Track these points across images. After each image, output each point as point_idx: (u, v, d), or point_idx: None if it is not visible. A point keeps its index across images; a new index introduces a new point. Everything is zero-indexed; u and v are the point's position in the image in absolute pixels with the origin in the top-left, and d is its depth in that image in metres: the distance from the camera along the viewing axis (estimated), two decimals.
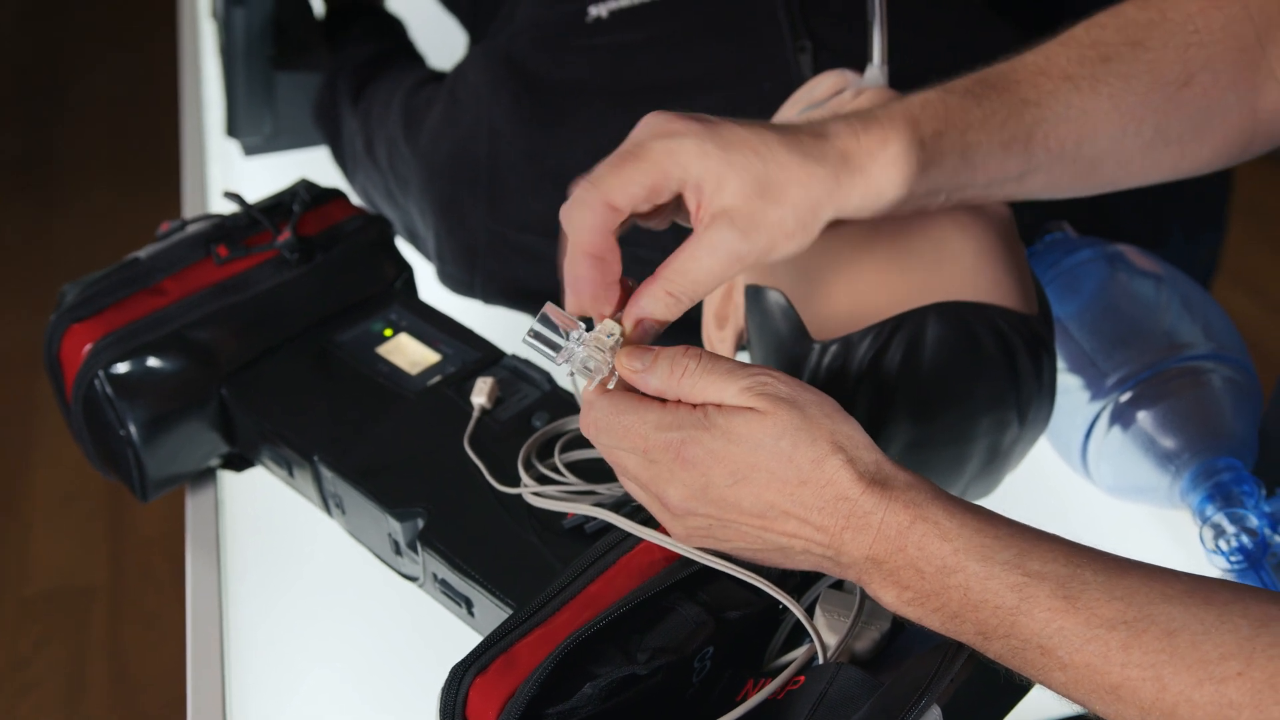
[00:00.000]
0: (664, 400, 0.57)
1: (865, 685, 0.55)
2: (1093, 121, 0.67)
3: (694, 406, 0.55)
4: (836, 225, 0.70)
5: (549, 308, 0.58)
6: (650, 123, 0.60)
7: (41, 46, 3.31)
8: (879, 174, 0.62)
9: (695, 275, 0.58)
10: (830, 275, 0.70)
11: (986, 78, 0.66)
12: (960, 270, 0.68)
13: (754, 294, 0.74)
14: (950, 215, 0.70)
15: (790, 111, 0.80)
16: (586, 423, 0.58)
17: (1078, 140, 0.67)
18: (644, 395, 0.57)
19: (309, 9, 1.28)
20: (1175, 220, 1.27)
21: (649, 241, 0.88)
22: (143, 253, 0.82)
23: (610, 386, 0.58)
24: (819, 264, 0.70)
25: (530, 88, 0.90)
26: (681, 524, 0.57)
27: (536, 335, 0.58)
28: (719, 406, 0.55)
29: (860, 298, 0.68)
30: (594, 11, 0.93)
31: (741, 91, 0.88)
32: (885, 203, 0.62)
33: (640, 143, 0.58)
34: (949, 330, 0.67)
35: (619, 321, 0.59)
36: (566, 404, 0.76)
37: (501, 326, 0.94)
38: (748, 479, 0.54)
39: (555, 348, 0.58)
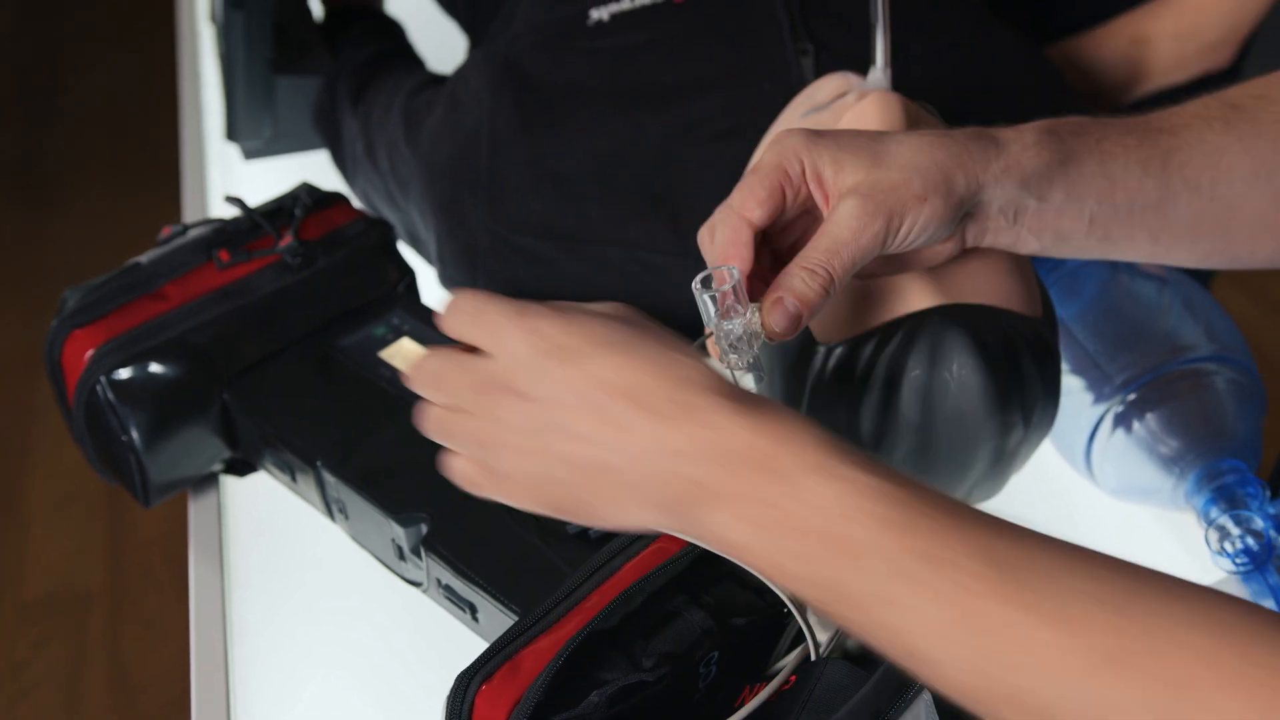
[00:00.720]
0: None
1: (853, 677, 0.55)
2: (1227, 160, 0.65)
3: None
4: None
5: (738, 275, 0.58)
6: (768, 141, 0.62)
7: (40, 48, 3.31)
8: (1019, 152, 0.62)
9: (825, 246, 0.58)
10: None
11: (1116, 120, 0.66)
12: (964, 273, 0.68)
13: None
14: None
15: (793, 115, 0.80)
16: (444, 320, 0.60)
17: (1213, 177, 0.65)
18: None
19: (308, 12, 1.28)
20: None
21: (647, 244, 0.88)
22: (144, 258, 0.81)
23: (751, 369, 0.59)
24: None
25: (531, 90, 0.90)
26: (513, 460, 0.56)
27: (702, 294, 0.58)
28: None
29: (865, 301, 0.68)
30: (595, 14, 0.93)
31: (742, 94, 0.88)
32: (1029, 190, 0.62)
33: (759, 158, 0.61)
34: (952, 332, 0.67)
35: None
36: None
37: None
38: (606, 346, 0.53)
39: (724, 314, 0.58)
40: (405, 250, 0.97)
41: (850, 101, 0.76)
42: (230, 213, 0.86)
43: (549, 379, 0.53)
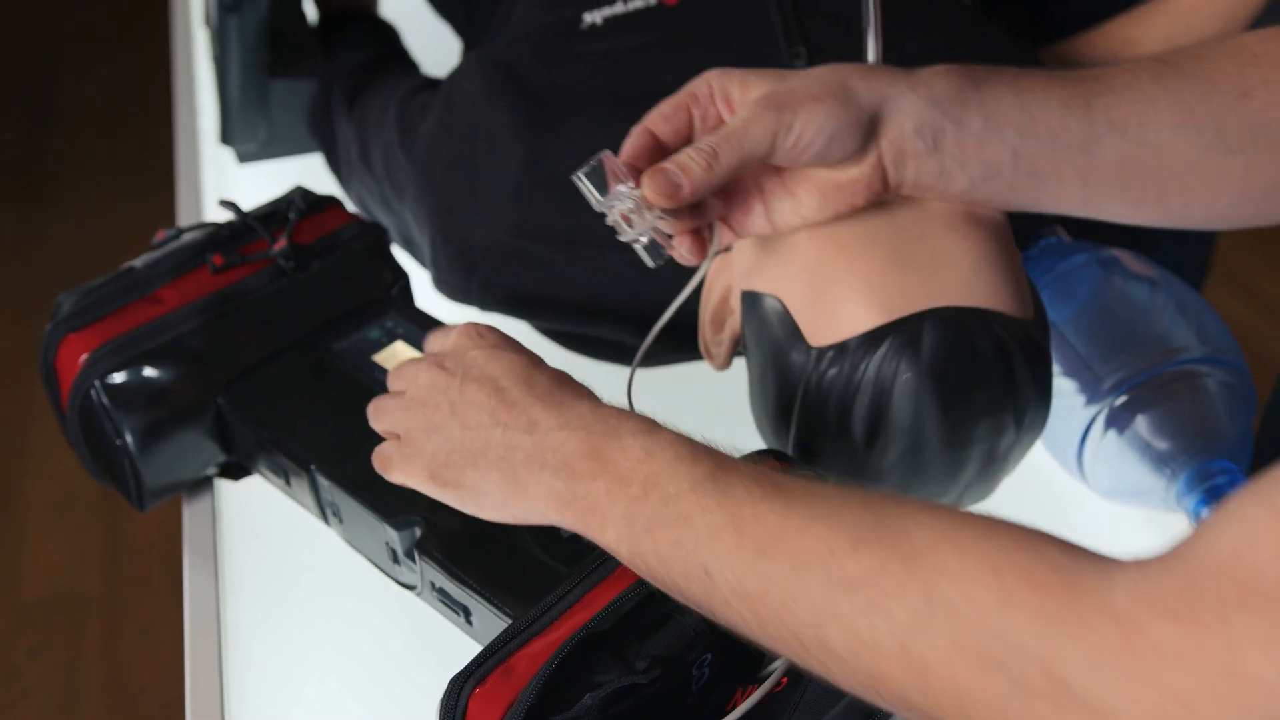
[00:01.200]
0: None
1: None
2: (1154, 107, 0.66)
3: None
4: (834, 230, 0.70)
5: (605, 155, 0.62)
6: None
7: (37, 49, 3.31)
8: (928, 75, 0.64)
9: (718, 133, 0.62)
10: (827, 281, 0.70)
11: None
12: (956, 276, 0.68)
13: (750, 300, 0.74)
14: (946, 220, 0.70)
15: None
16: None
17: (1139, 122, 0.66)
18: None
19: (303, 16, 1.28)
20: (1167, 232, 1.28)
21: (619, 243, 0.88)
22: (138, 262, 0.82)
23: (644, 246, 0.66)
24: (816, 270, 0.70)
25: (526, 94, 0.90)
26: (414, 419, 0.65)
27: (583, 180, 0.63)
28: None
29: (856, 304, 0.69)
30: (589, 18, 0.93)
31: None
32: (941, 110, 0.63)
33: None
34: (945, 336, 0.67)
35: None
36: None
37: None
38: (485, 360, 0.64)
39: (603, 191, 0.63)
40: (400, 254, 0.98)
41: None
42: (224, 216, 0.87)
43: (471, 361, 0.64)
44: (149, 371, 0.77)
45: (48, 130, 3.01)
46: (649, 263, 0.65)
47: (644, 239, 0.64)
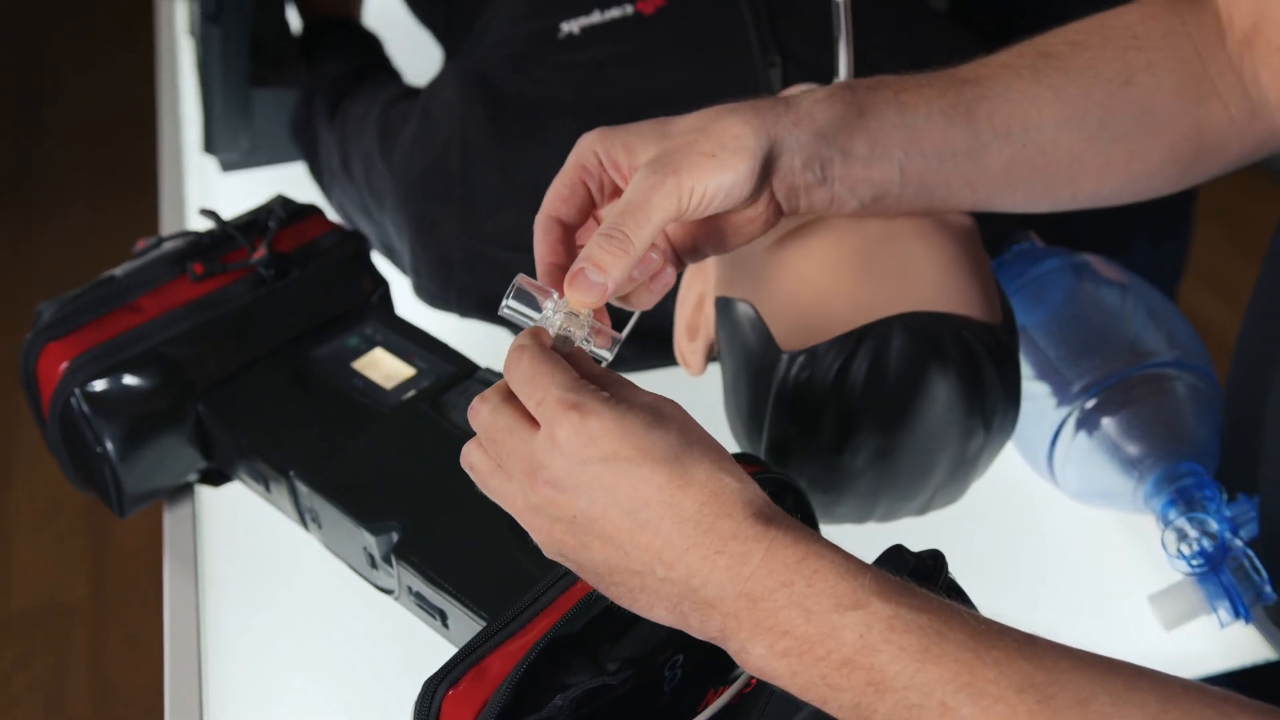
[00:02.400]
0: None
1: None
2: (1036, 107, 0.67)
3: (602, 387, 0.53)
4: (804, 238, 0.71)
5: (521, 278, 0.58)
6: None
7: (18, 60, 3.30)
8: (809, 105, 0.63)
9: (619, 211, 0.58)
10: (798, 287, 0.71)
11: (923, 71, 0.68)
12: (924, 281, 0.70)
13: (724, 306, 0.75)
14: (914, 227, 0.71)
15: None
16: (507, 366, 0.56)
17: (1023, 124, 0.67)
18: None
19: (286, 25, 1.29)
20: (1140, 229, 1.29)
21: None
22: (118, 270, 0.82)
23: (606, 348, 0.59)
24: (787, 276, 0.71)
25: (503, 103, 0.91)
26: (547, 498, 0.53)
27: (513, 308, 0.58)
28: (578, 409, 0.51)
29: (827, 309, 0.70)
30: (566, 28, 0.94)
31: (711, 105, 0.89)
32: (827, 141, 0.63)
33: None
34: (914, 340, 0.68)
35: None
36: None
37: (477, 339, 0.95)
38: (630, 462, 0.50)
39: (536, 309, 0.58)
40: (380, 261, 0.99)
41: None
42: (206, 225, 0.87)
43: (595, 486, 0.51)
44: (129, 379, 0.77)
45: (33, 139, 3.01)
46: (609, 358, 0.60)
47: (593, 343, 0.59)
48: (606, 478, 0.51)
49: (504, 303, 0.58)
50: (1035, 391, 0.82)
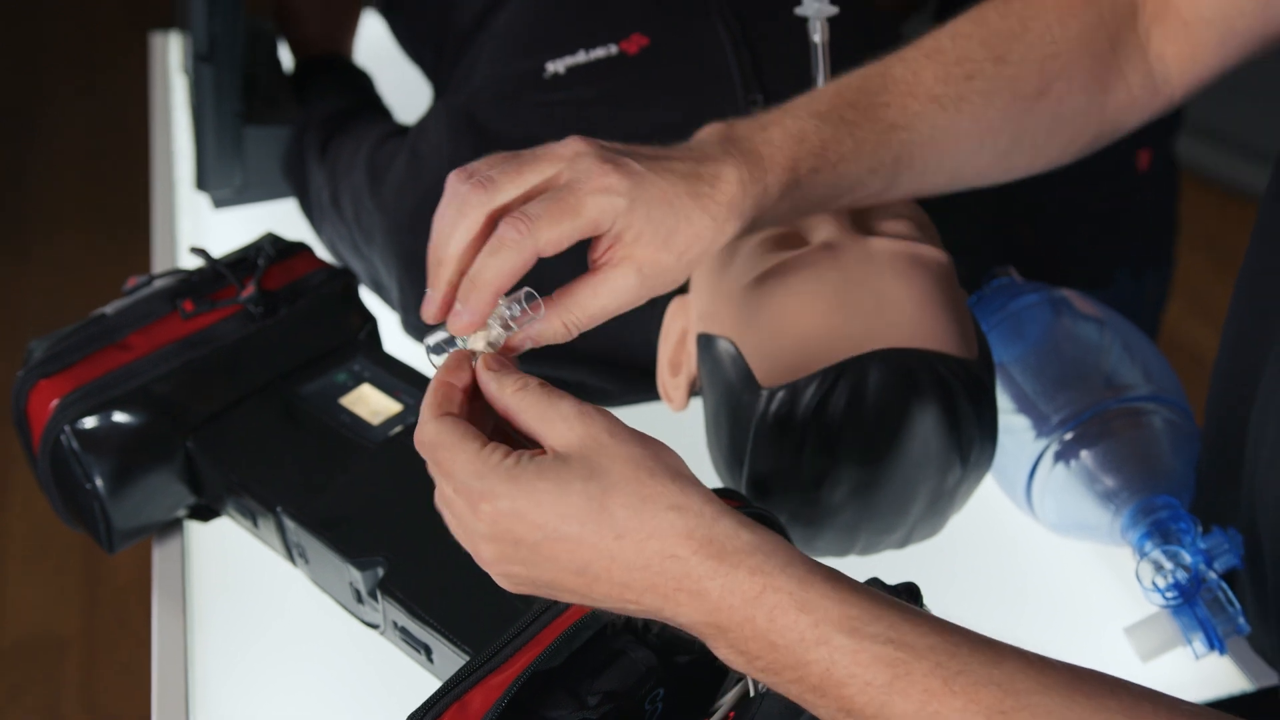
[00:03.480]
0: (488, 440, 0.54)
1: (789, 712, 0.56)
2: (954, 139, 0.71)
3: (508, 453, 0.52)
4: (784, 276, 0.72)
5: (429, 342, 0.61)
6: (582, 165, 0.61)
7: (12, 94, 3.33)
8: (757, 217, 0.65)
9: (592, 310, 0.61)
10: (777, 324, 0.72)
11: (857, 100, 0.69)
12: (901, 318, 0.71)
13: (705, 342, 0.76)
14: (891, 265, 0.73)
15: None
16: (418, 440, 0.56)
17: (939, 157, 0.71)
18: (474, 429, 0.54)
19: (278, 63, 1.31)
20: (1122, 261, 1.31)
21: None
22: (109, 308, 0.83)
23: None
24: (767, 314, 0.73)
25: (489, 142, 0.92)
26: (501, 572, 0.54)
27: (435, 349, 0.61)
28: (533, 455, 0.52)
29: (806, 346, 0.71)
30: (551, 68, 0.96)
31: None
32: (752, 231, 0.66)
33: (576, 193, 0.59)
34: (891, 376, 0.69)
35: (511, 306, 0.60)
36: None
37: None
38: (558, 535, 0.51)
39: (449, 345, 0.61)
40: (369, 297, 1.00)
41: None
42: (196, 263, 0.88)
43: (535, 560, 0.53)
44: (118, 416, 0.78)
45: (26, 172, 3.03)
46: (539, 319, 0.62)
47: (517, 326, 0.62)
48: (544, 550, 0.52)
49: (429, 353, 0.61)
50: (1014, 424, 0.83)
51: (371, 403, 0.84)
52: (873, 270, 0.72)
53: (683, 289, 0.84)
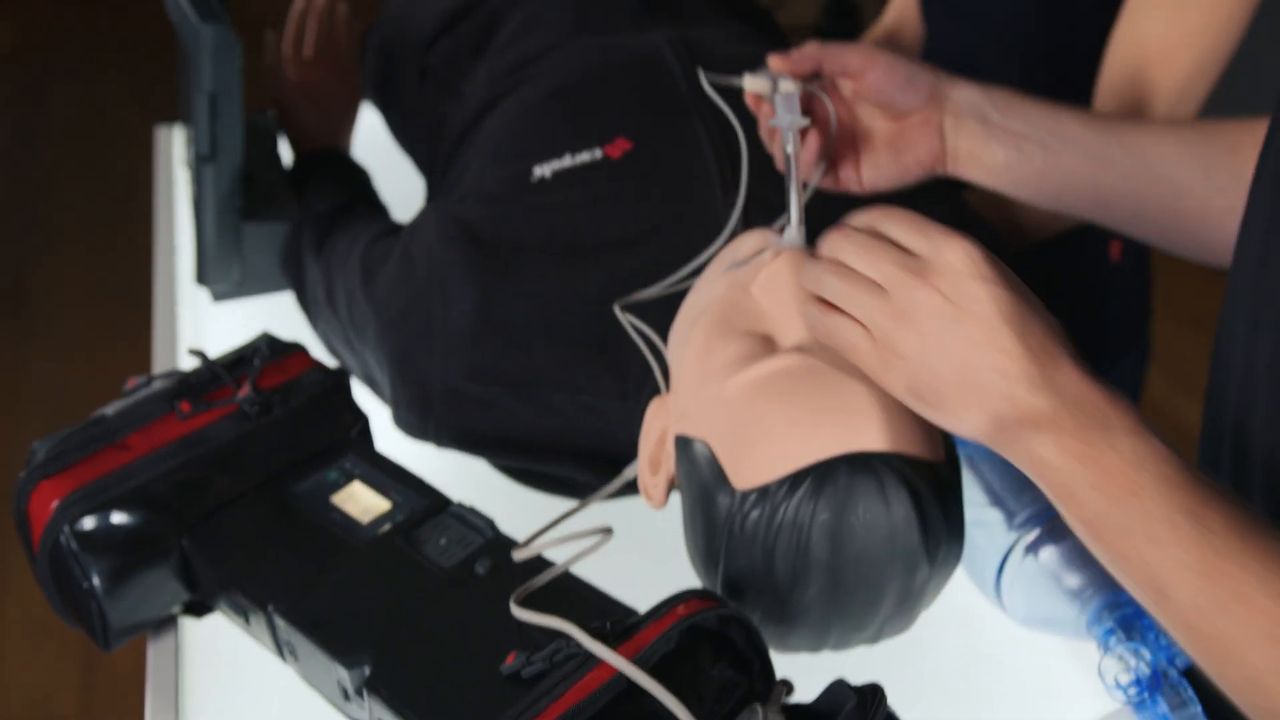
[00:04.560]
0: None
1: None
2: (1157, 144, 0.86)
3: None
4: (757, 379, 0.75)
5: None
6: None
7: (22, 179, 3.38)
8: (975, 83, 0.88)
9: (834, 44, 0.87)
10: (750, 427, 0.75)
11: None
12: (870, 422, 0.73)
13: (682, 444, 0.79)
14: (860, 371, 0.75)
15: (716, 269, 0.86)
16: (881, 223, 0.71)
17: (1144, 151, 0.86)
18: None
19: (278, 160, 1.35)
20: (1096, 351, 1.34)
21: (591, 389, 0.93)
22: (109, 409, 0.86)
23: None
24: (740, 416, 0.75)
25: (478, 245, 0.96)
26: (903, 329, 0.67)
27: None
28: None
29: (777, 449, 0.73)
30: (538, 172, 1.00)
31: (676, 246, 0.94)
32: (990, 101, 0.87)
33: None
34: (859, 479, 0.72)
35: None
36: (508, 551, 0.80)
37: (453, 469, 0.99)
38: (1012, 328, 0.65)
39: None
40: (362, 392, 1.03)
41: (767, 259, 0.82)
42: (195, 363, 0.92)
43: (972, 294, 0.65)
44: (117, 517, 0.81)
45: (34, 258, 3.08)
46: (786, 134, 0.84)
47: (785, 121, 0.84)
48: (980, 289, 0.66)
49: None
50: (986, 518, 0.86)
51: (362, 500, 0.87)
52: (843, 375, 0.75)
53: (660, 390, 0.87)
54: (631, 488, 0.92)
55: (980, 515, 0.86)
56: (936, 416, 0.68)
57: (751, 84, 0.86)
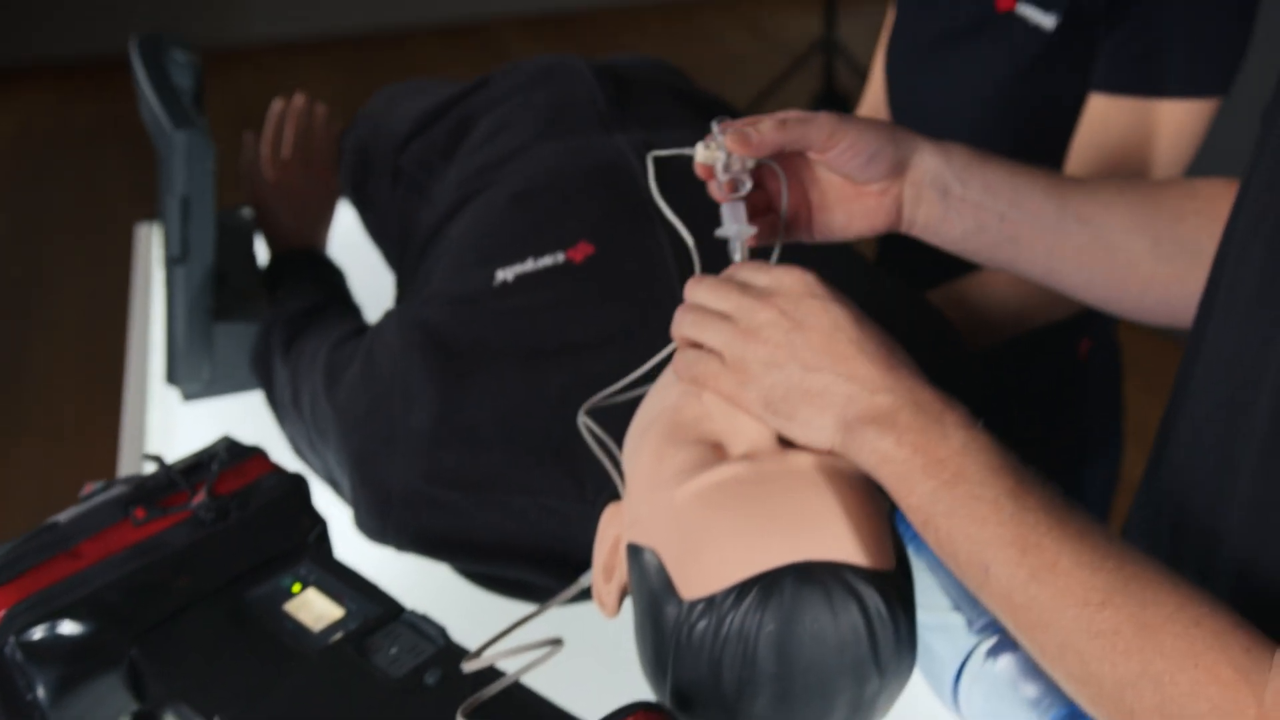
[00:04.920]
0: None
1: None
2: (1112, 213, 0.88)
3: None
4: (707, 488, 0.75)
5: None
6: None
7: (18, 273, 3.41)
8: (944, 144, 0.87)
9: (796, 113, 0.82)
10: (699, 537, 0.75)
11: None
12: (817, 531, 0.73)
13: (633, 552, 0.79)
14: (809, 479, 0.75)
15: (670, 376, 0.86)
16: (731, 272, 0.78)
17: (1102, 220, 0.88)
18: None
19: (253, 257, 1.36)
20: (1065, 449, 1.34)
21: (551, 492, 0.93)
22: (62, 516, 0.86)
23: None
24: (689, 525, 0.75)
25: (440, 348, 0.96)
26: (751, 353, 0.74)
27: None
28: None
29: (726, 559, 0.73)
30: (501, 275, 1.01)
31: (637, 349, 0.95)
32: (952, 171, 0.86)
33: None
34: (806, 589, 0.71)
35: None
36: (459, 660, 0.80)
37: (412, 574, 0.99)
38: (846, 335, 0.72)
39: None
40: (324, 494, 1.02)
41: None
42: (153, 466, 0.91)
43: (808, 309, 0.73)
44: (65, 626, 0.80)
45: (25, 348, 3.09)
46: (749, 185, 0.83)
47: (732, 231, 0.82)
48: (818, 305, 0.73)
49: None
50: (947, 623, 0.85)
51: (315, 608, 0.86)
52: (791, 483, 0.75)
53: (619, 495, 0.87)
54: (589, 593, 0.91)
55: (941, 620, 0.86)
56: (792, 429, 0.73)
57: (704, 156, 0.83)
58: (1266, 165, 0.74)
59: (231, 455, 0.93)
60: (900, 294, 1.07)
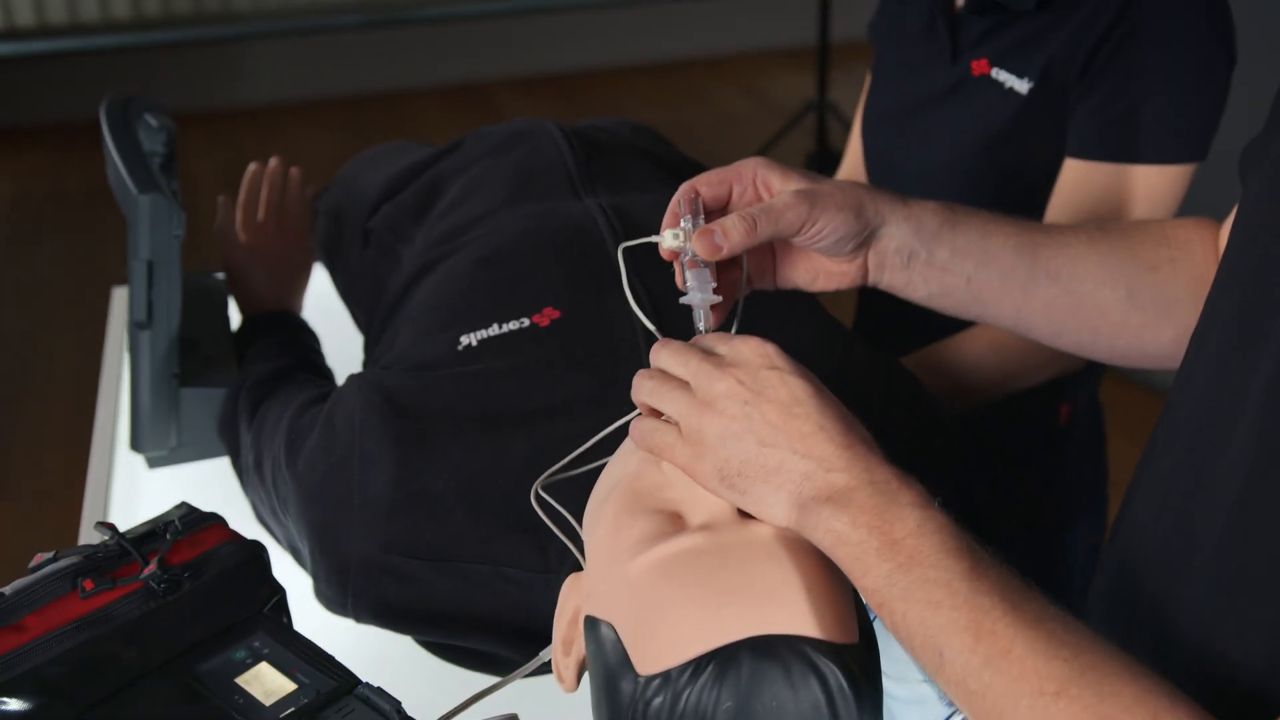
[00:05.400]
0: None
1: None
2: (1084, 265, 0.88)
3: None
4: (663, 561, 0.73)
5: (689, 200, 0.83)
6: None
7: (12, 332, 3.40)
8: (919, 210, 0.85)
9: (759, 208, 0.80)
10: (655, 609, 0.72)
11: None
12: (775, 604, 0.71)
13: (590, 625, 0.77)
14: (769, 550, 0.73)
15: (629, 445, 0.84)
16: (696, 339, 0.77)
17: (1071, 273, 0.88)
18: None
19: (225, 320, 1.35)
20: (1049, 512, 1.32)
21: (512, 560, 0.91)
22: (9, 589, 0.84)
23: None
24: (645, 598, 0.73)
25: (401, 413, 0.95)
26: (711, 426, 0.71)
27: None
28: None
29: (682, 633, 0.71)
30: (465, 340, 0.99)
31: (601, 416, 0.93)
32: (921, 241, 0.85)
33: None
34: (763, 664, 0.69)
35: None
36: None
37: (372, 644, 0.96)
38: (804, 410, 0.70)
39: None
40: (285, 562, 1.00)
41: None
42: (131, 521, 0.89)
43: (766, 380, 0.71)
44: (7, 703, 0.78)
45: (16, 413, 3.07)
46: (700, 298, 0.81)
47: (696, 299, 0.80)
48: (775, 378, 0.71)
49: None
50: (920, 694, 0.83)
51: (266, 682, 0.84)
52: (750, 555, 0.73)
53: (580, 566, 0.85)
54: (549, 667, 0.89)
55: (912, 692, 0.84)
56: (746, 503, 0.72)
57: (670, 244, 0.82)
58: (1239, 231, 0.74)
59: (187, 523, 0.91)
60: (873, 360, 1.06)
